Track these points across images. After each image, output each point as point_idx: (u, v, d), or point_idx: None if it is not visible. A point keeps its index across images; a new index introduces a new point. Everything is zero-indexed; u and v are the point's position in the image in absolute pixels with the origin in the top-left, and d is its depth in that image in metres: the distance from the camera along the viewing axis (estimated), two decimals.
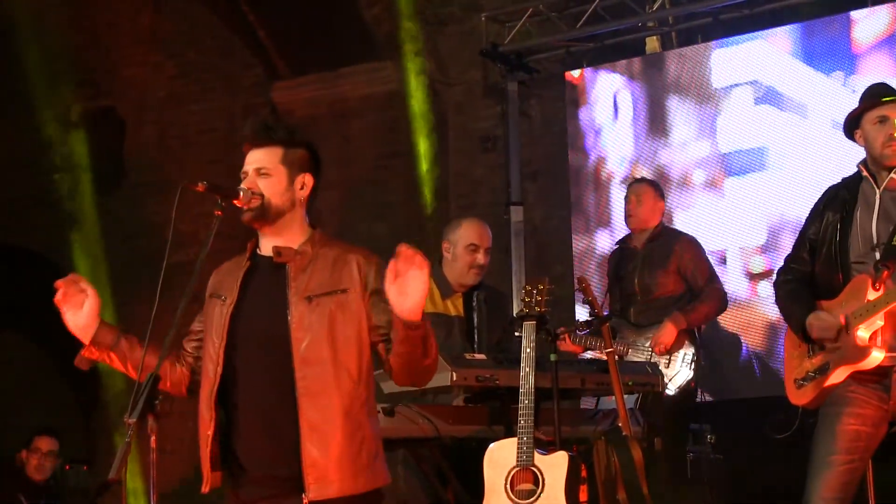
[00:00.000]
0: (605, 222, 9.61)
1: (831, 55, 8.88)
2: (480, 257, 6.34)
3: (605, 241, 9.40)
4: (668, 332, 7.24)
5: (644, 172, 9.09)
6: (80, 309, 4.05)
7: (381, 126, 10.55)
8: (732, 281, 8.78)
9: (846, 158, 5.33)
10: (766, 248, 8.79)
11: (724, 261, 8.93)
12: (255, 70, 11.42)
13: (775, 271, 5.43)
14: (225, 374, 3.98)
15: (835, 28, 8.90)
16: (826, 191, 5.33)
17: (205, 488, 3.99)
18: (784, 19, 9.12)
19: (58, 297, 4.03)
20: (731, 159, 9.23)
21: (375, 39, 10.50)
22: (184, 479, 10.17)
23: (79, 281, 4.06)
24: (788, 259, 5.35)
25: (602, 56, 9.95)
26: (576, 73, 9.99)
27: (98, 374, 11.41)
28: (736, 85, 9.30)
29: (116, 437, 10.94)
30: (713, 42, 9.42)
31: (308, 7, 10.46)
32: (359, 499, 3.92)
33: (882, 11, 8.72)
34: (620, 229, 8.97)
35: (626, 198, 7.73)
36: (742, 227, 8.72)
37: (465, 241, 6.35)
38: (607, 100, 9.86)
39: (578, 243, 9.72)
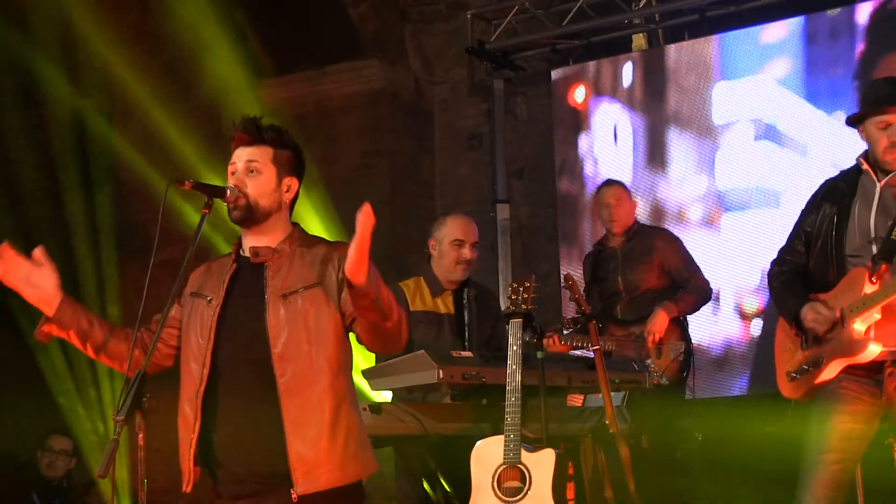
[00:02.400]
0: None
1: (833, 94, 8.88)
2: (466, 252, 6.33)
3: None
4: (661, 319, 7.24)
5: (641, 204, 8.91)
6: (26, 280, 4.07)
7: (366, 124, 10.55)
8: (724, 319, 8.80)
9: None
10: (760, 288, 8.68)
11: (717, 298, 8.80)
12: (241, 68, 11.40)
13: (770, 262, 5.42)
14: (210, 374, 3.99)
15: (838, 67, 8.89)
16: (823, 183, 5.31)
17: (187, 487, 4.00)
18: (770, 16, 9.14)
19: None
20: (728, 196, 9.22)
21: (361, 37, 10.50)
22: (172, 476, 10.16)
23: (8, 251, 4.06)
24: (783, 250, 5.34)
25: (588, 54, 9.97)
26: (579, 97, 9.93)
27: (98, 373, 11.40)
28: (736, 122, 9.28)
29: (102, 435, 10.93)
30: (714, 76, 9.36)
31: (294, 5, 10.46)
32: (344, 490, 3.93)
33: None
34: None
35: (603, 203, 7.66)
36: (737, 265, 8.68)
37: (450, 237, 6.34)
38: (607, 129, 9.84)
39: (564, 241, 9.73)
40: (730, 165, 9.23)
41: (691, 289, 7.45)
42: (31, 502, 8.00)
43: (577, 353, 7.23)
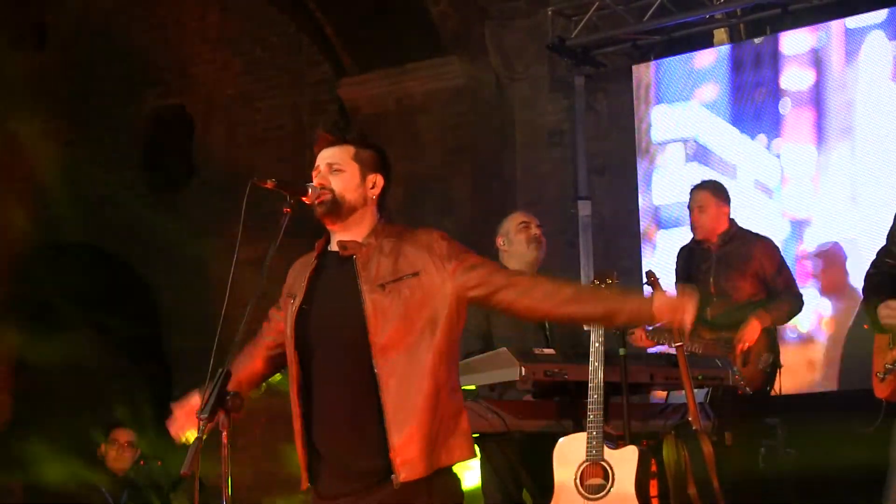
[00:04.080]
0: None
1: (756, 118, 9.41)
2: (534, 229, 6.38)
3: (673, 237, 9.39)
4: (753, 328, 7.12)
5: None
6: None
7: (447, 122, 10.57)
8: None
9: (768, 217, 5.28)
10: None
11: None
12: (321, 67, 11.47)
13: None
14: (304, 370, 4.02)
15: (762, 93, 9.42)
16: None
17: (304, 485, 4.04)
18: (852, 9, 9.03)
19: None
20: (663, 213, 9.67)
21: (441, 35, 10.51)
22: (256, 474, 10.25)
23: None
24: (880, 253, 5.29)
25: (669, 49, 9.91)
26: None
27: (170, 370, 11.52)
28: (671, 141, 9.78)
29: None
30: (652, 99, 9.91)
31: (374, 3, 10.50)
32: (440, 472, 3.95)
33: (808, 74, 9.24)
34: None
35: (689, 207, 7.60)
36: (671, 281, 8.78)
37: (515, 222, 6.42)
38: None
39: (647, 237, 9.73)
40: (665, 182, 9.72)
41: (785, 299, 7.34)
42: (101, 497, 8.06)
43: (660, 349, 7.18)
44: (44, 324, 12.84)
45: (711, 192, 7.56)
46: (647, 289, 6.66)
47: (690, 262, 7.57)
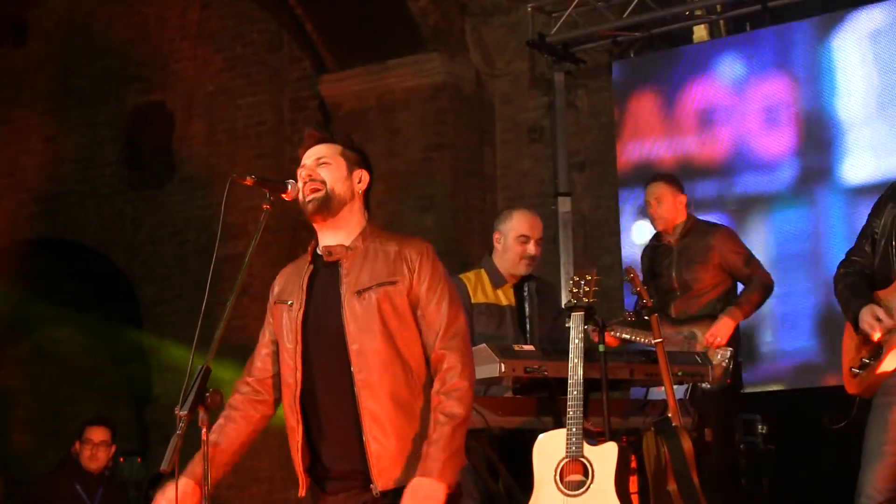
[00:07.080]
0: None
1: None
2: (531, 248, 6.30)
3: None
4: (726, 325, 7.08)
5: None
6: None
7: (428, 118, 10.57)
8: None
9: None
10: None
11: None
12: (302, 63, 11.46)
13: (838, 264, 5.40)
14: (304, 377, 4.01)
15: None
16: (892, 184, 5.30)
17: (301, 492, 4.04)
18: (833, 5, 9.07)
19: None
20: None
21: (422, 31, 10.52)
22: (235, 472, 10.23)
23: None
24: (849, 252, 5.32)
25: (649, 45, 9.93)
26: None
27: (150, 367, 11.50)
28: None
29: (168, 430, 11.01)
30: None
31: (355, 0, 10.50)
32: None
33: None
34: None
35: (646, 201, 7.55)
36: None
37: (515, 232, 6.32)
38: None
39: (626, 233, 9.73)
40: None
41: (754, 287, 7.32)
42: (76, 495, 8.02)
43: (638, 344, 7.19)
44: (23, 319, 12.82)
45: (666, 183, 7.54)
46: (628, 285, 6.67)
47: (654, 260, 7.57)
